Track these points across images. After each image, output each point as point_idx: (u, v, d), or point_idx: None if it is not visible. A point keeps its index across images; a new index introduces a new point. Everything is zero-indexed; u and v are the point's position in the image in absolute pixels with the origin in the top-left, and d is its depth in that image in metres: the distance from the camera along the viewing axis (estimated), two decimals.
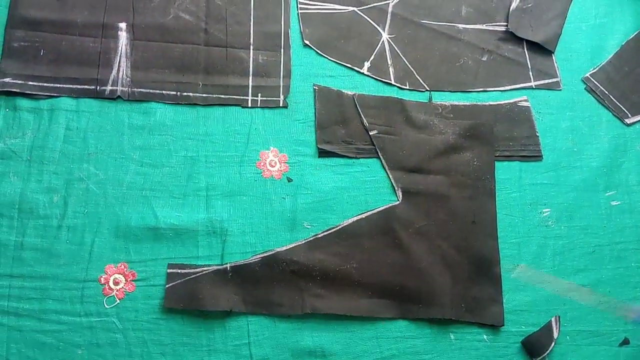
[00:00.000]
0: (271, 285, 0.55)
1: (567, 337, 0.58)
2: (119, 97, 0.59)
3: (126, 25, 0.62)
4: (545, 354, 0.56)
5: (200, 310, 0.54)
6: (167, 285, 0.54)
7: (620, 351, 0.58)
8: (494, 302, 0.54)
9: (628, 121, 0.67)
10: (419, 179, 0.61)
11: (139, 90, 0.60)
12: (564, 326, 0.58)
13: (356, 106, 0.62)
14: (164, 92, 0.61)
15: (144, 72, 0.61)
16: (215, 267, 0.55)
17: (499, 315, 0.54)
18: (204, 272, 0.55)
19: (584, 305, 0.59)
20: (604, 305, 0.59)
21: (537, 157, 0.64)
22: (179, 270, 0.55)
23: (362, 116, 0.62)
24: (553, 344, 0.57)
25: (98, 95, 0.59)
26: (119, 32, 0.62)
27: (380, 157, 0.61)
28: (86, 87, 0.59)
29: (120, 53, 0.61)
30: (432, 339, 0.56)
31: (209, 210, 0.57)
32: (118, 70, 0.61)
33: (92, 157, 0.57)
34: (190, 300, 0.54)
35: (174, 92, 0.61)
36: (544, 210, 0.62)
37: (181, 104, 0.60)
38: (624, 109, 0.67)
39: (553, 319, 0.58)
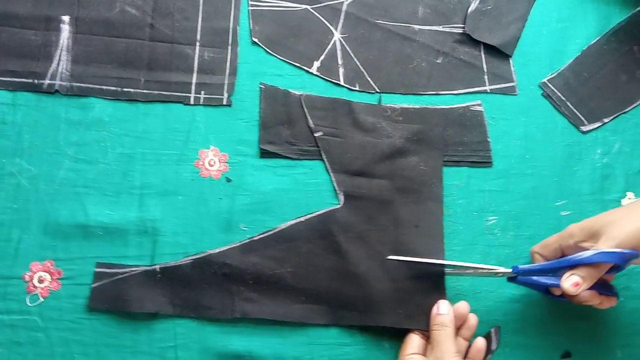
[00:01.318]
0: (201, 288, 0.54)
1: (507, 348, 0.57)
2: (57, 91, 0.58)
3: (69, 19, 0.61)
4: None
5: (127, 312, 0.52)
6: (93, 285, 0.53)
7: None
8: (417, 305, 0.53)
9: (584, 129, 0.65)
10: (362, 183, 0.59)
11: (78, 84, 0.59)
12: (503, 337, 0.56)
13: (303, 107, 0.60)
14: (103, 87, 0.60)
15: (85, 67, 0.60)
16: (144, 268, 0.54)
17: (425, 321, 0.52)
18: (132, 272, 0.54)
19: (526, 316, 0.57)
20: (546, 317, 0.58)
21: (487, 163, 0.62)
22: (107, 270, 0.54)
23: (308, 117, 0.60)
24: (490, 355, 0.55)
25: (36, 89, 0.58)
26: (62, 25, 0.61)
27: (324, 159, 0.60)
28: (24, 80, 0.59)
29: (62, 47, 0.60)
30: (365, 346, 0.55)
31: (142, 210, 0.56)
32: (58, 64, 0.59)
33: (25, 151, 0.56)
34: (116, 301, 0.53)
35: (114, 88, 0.60)
36: (490, 218, 0.60)
37: (121, 99, 0.59)
38: (580, 116, 0.66)
39: (493, 330, 0.57)
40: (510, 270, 0.53)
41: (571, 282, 0.47)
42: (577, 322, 0.58)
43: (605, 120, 0.66)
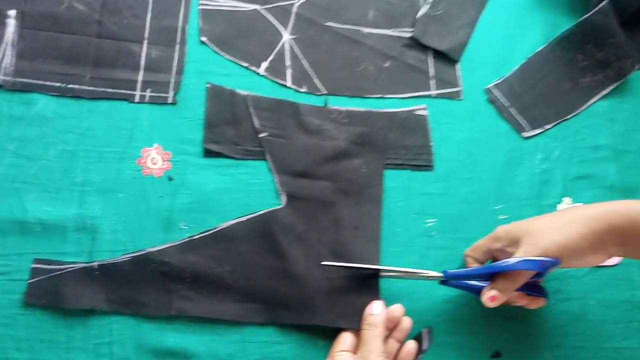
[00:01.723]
0: (139, 285, 0.55)
1: (439, 348, 0.58)
2: (0, 86, 0.58)
3: (16, 13, 0.61)
4: None
5: (62, 308, 0.53)
6: (29, 281, 0.53)
7: None
8: (352, 305, 0.54)
9: (525, 135, 0.67)
10: (305, 184, 0.60)
11: (22, 80, 0.59)
12: (435, 337, 0.58)
13: (248, 107, 0.61)
14: (48, 83, 0.60)
15: (30, 62, 0.60)
16: (82, 265, 0.55)
17: (358, 322, 0.53)
18: (70, 269, 0.54)
19: (458, 317, 0.59)
20: (478, 318, 0.59)
21: (428, 167, 0.64)
22: (44, 266, 0.54)
23: (254, 118, 0.61)
24: (421, 355, 0.57)
25: None
26: (7, 20, 0.61)
27: (268, 160, 0.60)
28: None
29: (7, 41, 0.60)
30: (299, 345, 0.56)
31: (82, 206, 0.56)
32: (2, 58, 0.60)
33: None
34: (53, 297, 0.53)
35: (59, 84, 0.60)
36: (429, 220, 0.62)
37: (65, 96, 0.59)
38: (523, 122, 0.67)
39: (425, 330, 0.58)
40: (441, 274, 0.54)
41: (488, 297, 0.49)
42: (507, 323, 0.60)
43: (547, 126, 0.68)
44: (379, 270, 0.57)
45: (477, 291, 0.55)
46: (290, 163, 0.61)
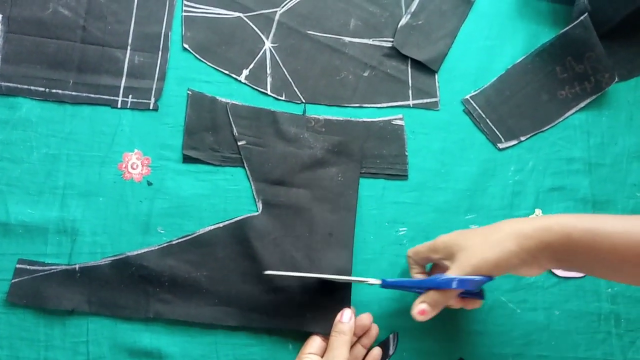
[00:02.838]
0: (118, 288, 0.57)
1: (404, 353, 0.60)
2: None
3: (2, 17, 0.62)
4: None
5: (43, 308, 0.55)
6: (13, 280, 0.56)
7: None
8: (323, 311, 0.56)
9: (501, 146, 0.68)
10: (281, 192, 0.62)
11: (7, 84, 0.61)
12: (401, 343, 0.60)
13: (229, 115, 0.63)
14: (32, 87, 0.61)
15: (15, 67, 0.61)
16: (64, 267, 0.57)
17: (328, 327, 0.55)
18: (52, 270, 0.56)
19: (425, 323, 0.61)
20: (444, 324, 0.61)
21: (403, 176, 0.65)
22: (28, 267, 0.56)
23: (233, 126, 0.63)
24: (387, 359, 0.59)
25: None
26: None
27: (246, 167, 0.62)
28: None
29: None
30: (270, 347, 0.59)
31: (63, 209, 0.58)
32: None
33: None
34: (35, 297, 0.56)
35: (43, 89, 0.61)
36: (401, 229, 0.63)
37: (49, 100, 0.61)
38: (498, 133, 0.68)
39: (391, 336, 0.60)
40: (379, 282, 0.55)
41: (417, 311, 0.50)
42: (472, 331, 0.62)
43: (522, 138, 0.69)
44: (320, 278, 0.58)
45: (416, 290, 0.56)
46: (268, 170, 0.62)
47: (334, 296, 0.59)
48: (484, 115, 0.69)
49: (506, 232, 0.46)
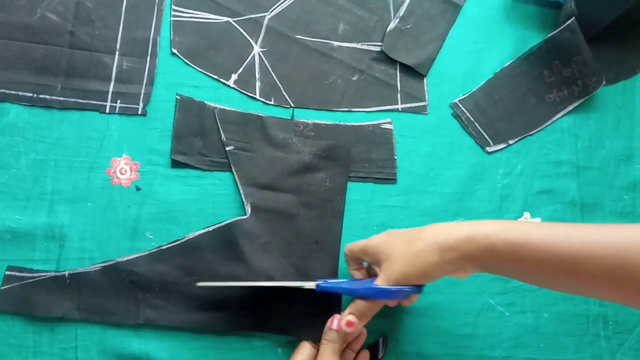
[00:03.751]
0: (108, 294, 0.57)
1: (394, 357, 0.61)
2: None
3: None
4: None
5: (32, 314, 0.55)
6: (2, 287, 0.55)
7: None
8: (314, 318, 0.56)
9: (489, 149, 0.69)
10: (269, 197, 0.62)
11: None
12: (391, 346, 0.60)
13: (216, 121, 0.63)
14: (20, 93, 0.61)
15: (2, 72, 0.61)
16: (54, 274, 0.57)
17: (318, 333, 0.55)
18: (42, 277, 0.56)
19: (415, 327, 0.61)
20: (434, 328, 0.61)
21: (392, 180, 0.66)
22: (17, 274, 0.56)
23: (221, 131, 0.63)
24: None
25: None
26: None
27: (234, 172, 0.62)
28: None
29: None
30: (260, 352, 0.59)
31: (51, 215, 0.58)
32: None
33: None
34: (24, 304, 0.55)
35: (31, 94, 0.61)
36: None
37: (37, 106, 0.61)
38: (487, 137, 0.69)
39: (380, 339, 0.60)
40: (314, 287, 0.54)
41: (345, 322, 0.50)
42: (462, 334, 0.62)
43: (511, 141, 0.70)
44: (255, 286, 0.58)
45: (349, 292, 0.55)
46: (256, 175, 0.62)
47: (324, 303, 0.59)
48: (472, 119, 0.69)
49: (428, 243, 0.44)
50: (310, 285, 0.54)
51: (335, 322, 0.54)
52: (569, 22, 0.69)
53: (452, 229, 0.44)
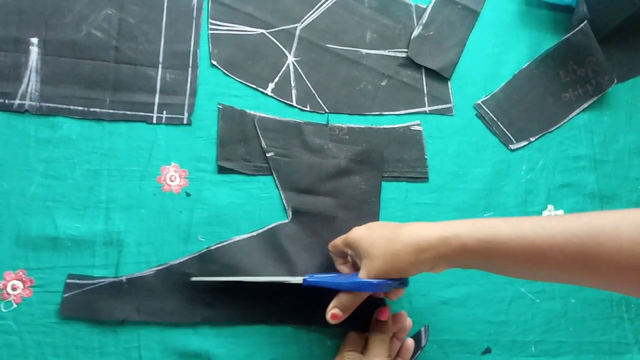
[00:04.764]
0: (164, 296, 0.60)
1: (435, 345, 0.64)
2: (27, 110, 0.63)
3: (38, 41, 0.65)
4: None
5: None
6: (65, 295, 0.58)
7: (482, 359, 0.65)
8: (362, 310, 0.59)
9: (512, 147, 0.73)
10: (309, 200, 0.65)
11: (47, 104, 0.63)
12: (432, 335, 0.64)
13: (256, 129, 0.66)
14: (71, 107, 0.64)
15: (53, 87, 0.64)
16: (112, 279, 0.60)
17: (366, 324, 0.58)
18: (101, 283, 0.59)
19: (453, 316, 0.65)
20: (470, 317, 0.65)
21: (424, 178, 0.69)
22: (77, 281, 0.59)
23: (261, 138, 0.66)
24: (420, 351, 0.63)
25: (6, 109, 0.62)
26: (31, 47, 0.65)
27: (275, 178, 0.65)
28: None
29: (31, 68, 0.64)
30: (309, 345, 0.62)
31: (108, 222, 0.61)
32: (28, 84, 0.64)
33: None
34: (86, 310, 0.58)
35: (81, 108, 0.64)
36: None
37: (88, 118, 0.64)
38: (509, 135, 0.73)
39: (423, 329, 0.64)
40: (301, 282, 0.55)
41: (330, 315, 0.53)
42: (496, 321, 0.66)
43: (532, 139, 0.74)
44: (244, 281, 0.60)
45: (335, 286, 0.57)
46: (295, 180, 0.66)
47: (372, 295, 0.62)
48: (495, 119, 0.73)
49: (404, 244, 0.46)
50: (297, 280, 0.55)
51: (384, 312, 0.58)
52: (582, 25, 0.73)
53: (427, 230, 0.46)
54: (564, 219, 0.41)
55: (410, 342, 0.61)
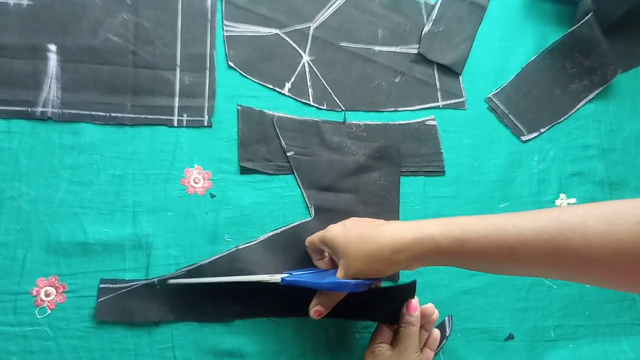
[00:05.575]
0: (196, 295, 0.61)
1: (459, 334, 0.66)
2: (49, 118, 0.63)
3: (56, 48, 0.65)
4: (438, 349, 0.63)
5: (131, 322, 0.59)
6: (99, 300, 0.59)
7: (505, 345, 0.67)
8: (391, 303, 0.61)
9: (524, 138, 0.75)
10: (330, 197, 0.67)
11: (69, 111, 0.64)
12: (455, 324, 0.66)
13: (275, 129, 0.67)
14: (93, 112, 0.64)
15: (74, 94, 0.64)
16: (144, 282, 0.60)
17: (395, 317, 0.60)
18: (134, 286, 0.60)
19: (474, 305, 0.67)
20: (492, 305, 0.67)
21: (440, 172, 0.71)
22: (110, 285, 0.60)
23: (281, 138, 0.67)
24: (445, 340, 0.64)
25: (29, 117, 0.62)
26: (49, 54, 0.65)
27: (296, 176, 0.67)
28: (17, 108, 0.63)
29: (51, 75, 0.64)
30: (340, 339, 0.64)
31: (135, 226, 0.62)
32: (48, 91, 0.64)
33: (24, 176, 0.60)
34: (122, 313, 0.59)
35: (103, 113, 0.65)
36: None
37: (110, 124, 0.64)
38: (520, 127, 0.75)
39: (446, 318, 0.66)
40: (279, 281, 0.56)
41: (312, 312, 0.55)
42: (517, 308, 0.68)
43: (542, 130, 0.76)
44: (225, 282, 0.60)
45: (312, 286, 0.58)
46: (316, 178, 0.67)
47: (399, 290, 0.64)
48: (506, 112, 0.75)
49: (380, 245, 0.48)
50: (275, 279, 0.56)
51: (413, 305, 0.60)
52: (587, 17, 0.75)
53: (402, 232, 0.47)
54: (535, 215, 0.42)
55: (437, 332, 0.63)
